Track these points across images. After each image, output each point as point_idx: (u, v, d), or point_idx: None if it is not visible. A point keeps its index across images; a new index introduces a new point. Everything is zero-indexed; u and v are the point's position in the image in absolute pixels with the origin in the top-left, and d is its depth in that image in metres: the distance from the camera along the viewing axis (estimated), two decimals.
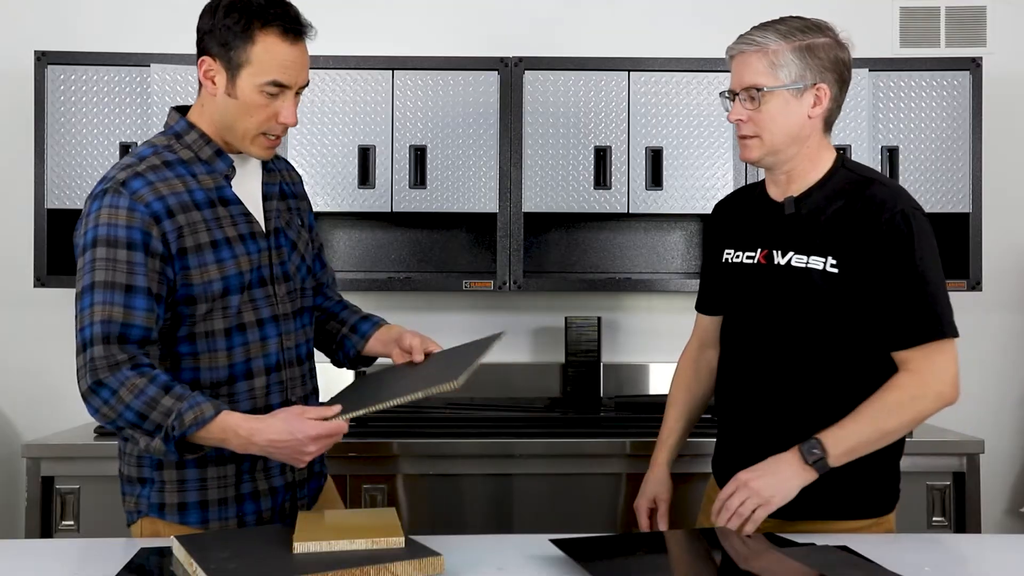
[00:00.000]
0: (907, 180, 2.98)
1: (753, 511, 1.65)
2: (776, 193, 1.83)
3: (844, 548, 1.59)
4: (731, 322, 1.90)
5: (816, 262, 1.72)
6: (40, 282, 2.92)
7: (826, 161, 1.79)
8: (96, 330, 1.57)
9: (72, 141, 2.92)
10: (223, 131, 1.72)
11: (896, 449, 1.80)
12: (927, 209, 2.91)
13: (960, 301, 3.31)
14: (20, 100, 3.10)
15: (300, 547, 1.47)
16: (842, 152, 1.83)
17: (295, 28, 1.67)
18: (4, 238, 3.20)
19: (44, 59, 2.92)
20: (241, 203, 1.74)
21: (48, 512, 2.56)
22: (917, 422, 1.73)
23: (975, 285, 2.98)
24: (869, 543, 1.63)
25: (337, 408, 1.60)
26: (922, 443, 2.67)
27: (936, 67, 2.99)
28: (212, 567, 1.39)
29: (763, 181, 1.89)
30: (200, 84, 1.72)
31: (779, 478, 1.66)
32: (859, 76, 2.93)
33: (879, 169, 2.94)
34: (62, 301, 3.18)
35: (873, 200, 1.72)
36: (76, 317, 1.61)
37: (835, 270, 1.70)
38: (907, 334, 1.68)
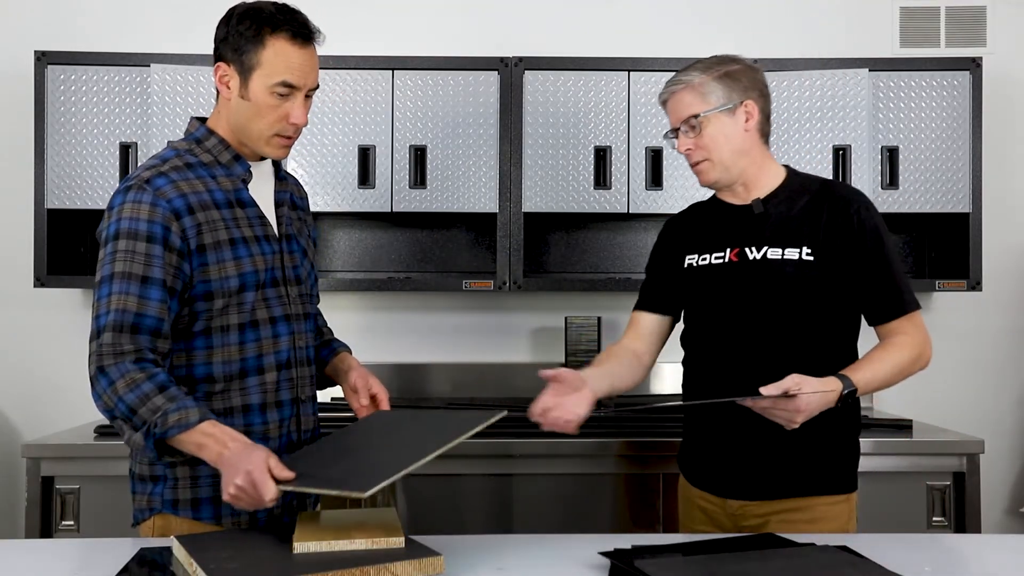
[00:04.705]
0: (907, 180, 2.98)
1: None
2: (736, 201, 1.98)
3: (844, 548, 1.59)
4: (701, 321, 2.00)
5: (791, 253, 1.88)
6: (40, 282, 2.92)
7: (777, 171, 1.98)
8: (109, 318, 1.63)
9: (72, 141, 2.93)
10: (238, 133, 1.79)
11: (855, 429, 1.95)
12: (927, 209, 2.97)
13: (960, 301, 3.36)
14: (20, 100, 3.10)
15: (300, 547, 1.47)
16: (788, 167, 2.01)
17: (303, 33, 1.75)
18: (4, 238, 3.20)
19: (44, 59, 2.92)
20: (256, 206, 1.81)
21: (48, 512, 2.56)
22: (902, 379, 1.89)
23: (975, 285, 2.98)
24: (869, 543, 1.63)
25: (291, 475, 1.53)
26: (922, 443, 2.67)
27: (936, 67, 3.00)
28: (212, 567, 1.39)
29: (713, 197, 2.05)
30: (217, 91, 1.80)
31: (818, 406, 1.74)
32: (859, 76, 2.93)
33: (879, 169, 2.97)
34: (62, 301, 3.19)
35: (839, 197, 1.92)
36: (93, 305, 1.67)
37: (810, 258, 1.87)
38: (892, 308, 1.89)
